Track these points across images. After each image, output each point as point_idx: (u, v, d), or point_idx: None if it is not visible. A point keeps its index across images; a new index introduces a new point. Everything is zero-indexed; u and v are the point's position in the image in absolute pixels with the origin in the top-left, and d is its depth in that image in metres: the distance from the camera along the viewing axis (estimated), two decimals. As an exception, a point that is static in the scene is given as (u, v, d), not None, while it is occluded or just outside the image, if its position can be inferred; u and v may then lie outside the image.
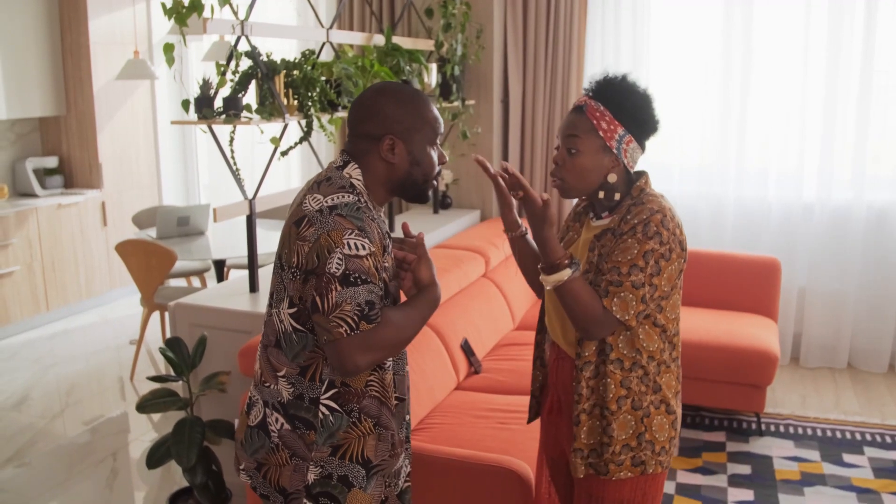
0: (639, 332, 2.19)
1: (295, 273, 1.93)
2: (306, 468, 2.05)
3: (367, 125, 2.02)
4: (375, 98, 2.03)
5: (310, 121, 3.66)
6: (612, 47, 5.64)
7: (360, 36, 4.44)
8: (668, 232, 2.13)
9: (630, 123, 2.20)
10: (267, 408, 2.09)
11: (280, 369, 2.05)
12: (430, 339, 3.80)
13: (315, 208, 1.92)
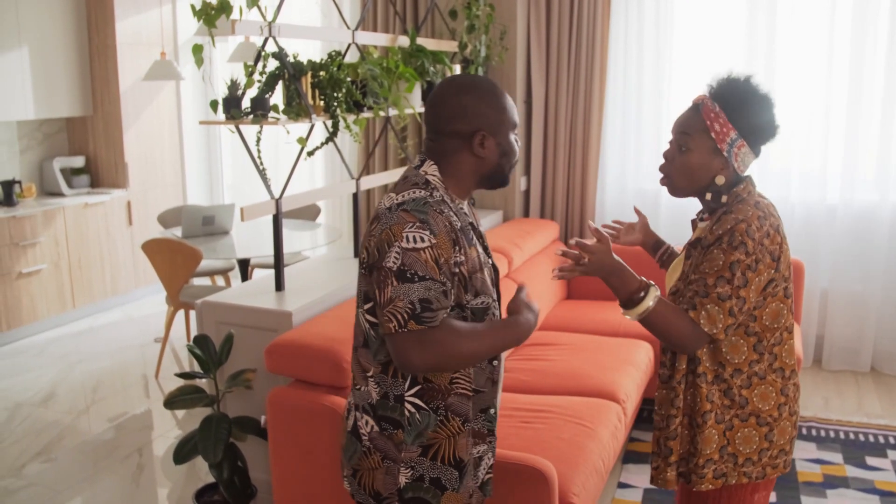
0: (722, 345, 2.17)
1: (364, 269, 1.97)
2: (398, 471, 2.06)
3: (455, 124, 2.03)
4: (459, 96, 2.04)
5: (336, 121, 3.69)
6: (635, 47, 5.64)
7: (384, 37, 4.47)
8: (754, 242, 2.08)
9: (744, 128, 2.18)
10: (357, 411, 2.11)
11: (368, 369, 2.07)
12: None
13: (385, 206, 1.97)
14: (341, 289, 3.77)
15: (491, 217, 5.55)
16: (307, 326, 3.29)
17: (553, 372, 4.00)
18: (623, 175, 5.80)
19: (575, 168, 5.76)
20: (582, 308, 5.06)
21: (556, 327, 4.77)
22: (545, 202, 5.87)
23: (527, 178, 5.87)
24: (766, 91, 2.23)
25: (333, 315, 3.42)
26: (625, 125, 5.75)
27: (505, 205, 5.74)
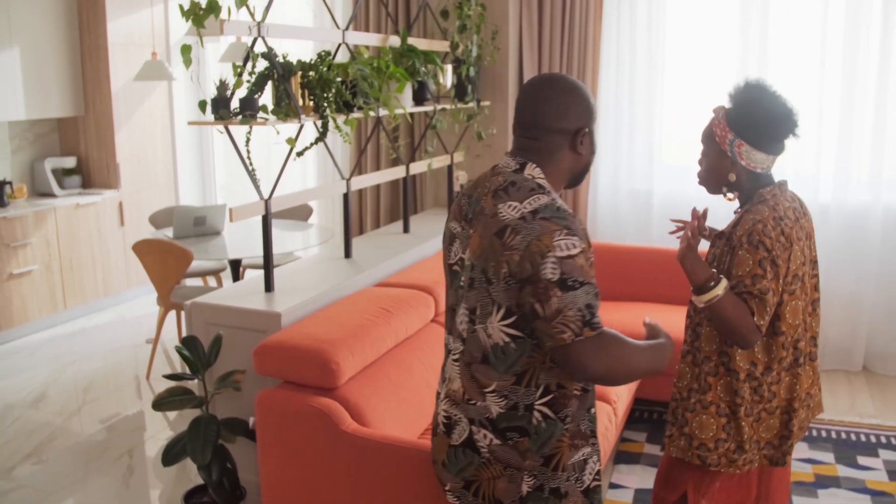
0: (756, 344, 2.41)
1: (508, 283, 1.91)
2: (521, 478, 2.05)
3: (562, 121, 2.04)
4: (564, 94, 2.05)
5: (325, 121, 3.68)
6: (627, 48, 5.64)
7: (375, 37, 4.45)
8: (772, 240, 2.30)
9: (739, 128, 2.39)
10: (473, 425, 2.07)
11: (488, 385, 2.03)
12: (442, 338, 3.78)
13: (516, 216, 1.91)
14: (332, 289, 3.76)
15: (483, 217, 5.53)
16: (296, 327, 3.28)
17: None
18: (616, 176, 5.79)
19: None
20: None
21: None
22: (537, 202, 5.85)
23: (519, 178, 5.85)
24: (764, 91, 2.44)
25: (324, 316, 3.41)
26: (617, 125, 5.74)
27: (497, 205, 5.73)
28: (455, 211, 2.15)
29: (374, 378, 3.26)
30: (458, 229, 2.10)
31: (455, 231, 2.12)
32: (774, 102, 2.41)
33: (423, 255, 4.62)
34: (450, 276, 2.15)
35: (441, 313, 3.97)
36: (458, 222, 2.11)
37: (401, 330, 3.51)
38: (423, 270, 4.15)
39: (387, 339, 3.39)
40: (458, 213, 2.12)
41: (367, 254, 4.39)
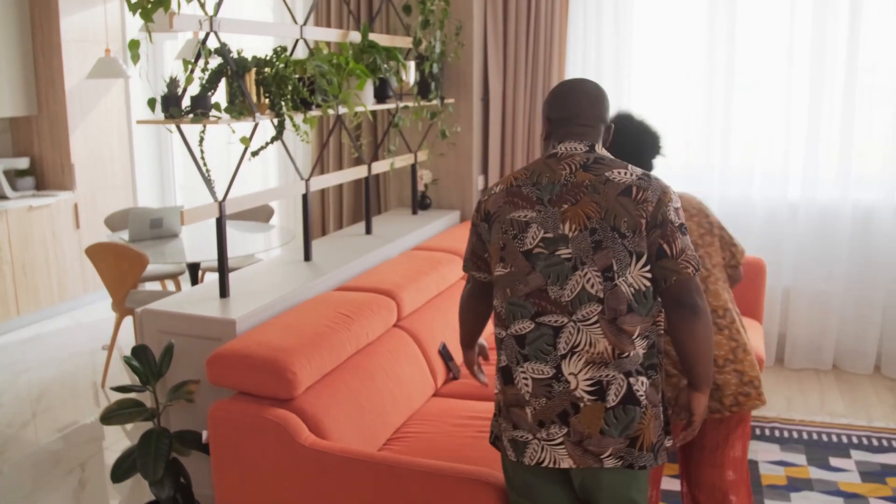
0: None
1: (643, 232, 2.18)
2: (661, 413, 2.28)
3: (607, 115, 2.36)
4: (603, 93, 2.37)
5: (281, 120, 3.54)
6: (594, 44, 5.55)
7: (335, 33, 4.32)
8: None
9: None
10: (630, 377, 2.20)
11: (634, 332, 2.20)
12: (405, 343, 3.69)
13: (634, 178, 2.21)
14: (290, 294, 3.63)
15: (448, 217, 5.42)
16: (251, 335, 3.14)
17: (511, 377, 3.88)
18: (582, 173, 5.68)
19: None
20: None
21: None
22: (503, 201, 5.75)
23: (484, 178, 5.75)
24: (630, 121, 2.83)
25: (280, 323, 3.28)
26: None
27: (462, 204, 5.62)
28: (515, 202, 2.27)
29: (333, 387, 3.13)
30: (534, 214, 2.23)
31: (528, 218, 2.24)
32: (641, 131, 2.78)
33: (386, 256, 4.49)
34: (528, 261, 2.24)
35: (404, 317, 3.85)
36: (528, 210, 2.24)
37: (361, 336, 3.38)
38: (386, 273, 4.02)
39: (346, 346, 3.26)
40: (526, 202, 2.25)
41: (328, 256, 4.25)
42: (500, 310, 2.30)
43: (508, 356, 2.29)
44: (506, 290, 2.27)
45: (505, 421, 2.32)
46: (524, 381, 2.25)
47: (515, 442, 2.29)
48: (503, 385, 2.32)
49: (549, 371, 2.21)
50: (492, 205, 2.32)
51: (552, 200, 2.22)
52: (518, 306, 2.24)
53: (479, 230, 2.37)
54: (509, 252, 2.26)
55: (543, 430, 2.23)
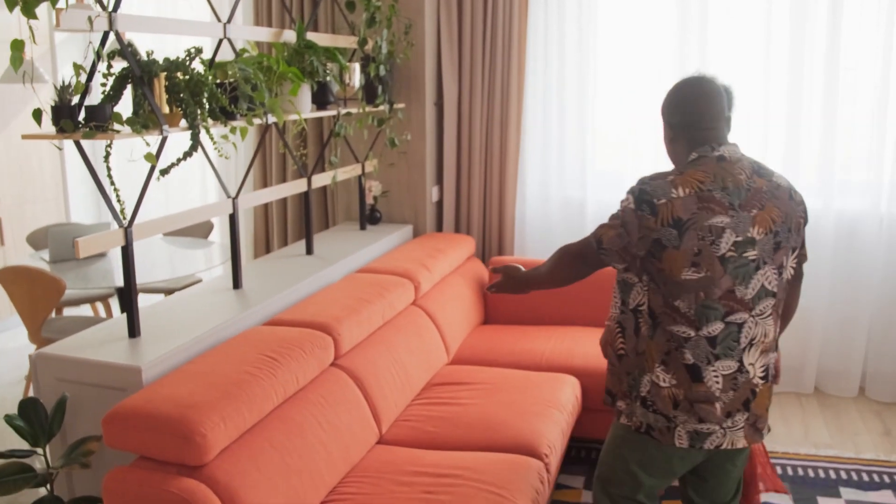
0: None
1: (802, 229, 2.49)
2: None
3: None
4: (718, 85, 2.50)
5: (196, 132, 3.07)
6: (555, 42, 5.12)
7: (265, 32, 3.86)
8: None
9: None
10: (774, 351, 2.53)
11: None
12: (343, 386, 3.23)
13: (787, 182, 2.47)
14: (212, 332, 3.16)
15: (399, 232, 4.97)
16: (158, 386, 2.67)
17: (465, 421, 3.44)
18: (545, 183, 5.27)
19: (492, 176, 5.22)
20: (500, 335, 4.50)
21: (470, 360, 4.21)
22: (460, 214, 5.32)
23: (439, 188, 5.31)
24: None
25: (194, 370, 2.81)
26: (546, 128, 5.22)
27: (415, 218, 5.17)
28: (711, 208, 2.33)
29: (253, 447, 2.67)
30: (728, 219, 2.33)
31: (724, 224, 2.33)
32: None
33: (327, 280, 4.03)
34: (722, 265, 2.34)
35: (343, 355, 3.39)
36: (723, 215, 2.33)
37: (289, 382, 2.92)
38: (323, 303, 3.56)
39: (271, 396, 2.80)
40: (720, 207, 2.33)
41: (260, 283, 3.79)
42: (687, 311, 2.38)
43: (697, 356, 2.40)
44: (698, 293, 2.36)
45: (685, 414, 2.43)
46: (714, 378, 2.41)
47: (697, 433, 2.44)
48: (690, 382, 2.42)
49: (735, 365, 2.41)
50: (682, 210, 2.33)
51: (742, 205, 2.35)
52: (711, 308, 2.36)
53: (655, 234, 2.35)
54: (705, 257, 2.33)
55: (729, 420, 2.44)
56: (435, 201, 5.27)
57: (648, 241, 2.36)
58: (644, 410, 2.51)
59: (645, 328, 2.47)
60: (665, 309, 2.41)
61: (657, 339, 2.44)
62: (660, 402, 2.47)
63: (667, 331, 2.43)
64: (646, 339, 2.47)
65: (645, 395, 2.49)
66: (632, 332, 2.52)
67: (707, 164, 2.40)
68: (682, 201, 2.33)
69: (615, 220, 2.42)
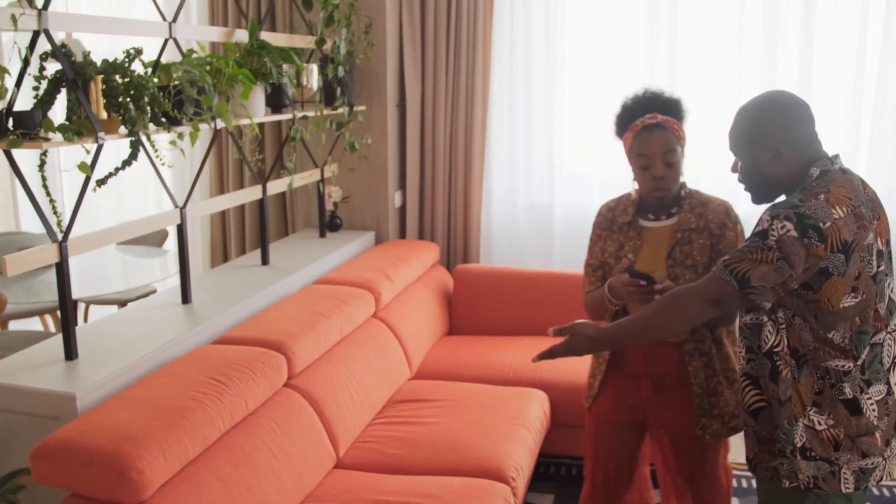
0: None
1: None
2: None
3: None
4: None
5: (136, 140, 2.86)
6: (522, 41, 4.95)
7: (215, 31, 3.66)
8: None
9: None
10: None
11: None
12: (297, 407, 3.05)
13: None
14: (156, 353, 2.94)
15: (361, 239, 4.78)
16: (93, 416, 2.46)
17: (428, 441, 3.26)
18: (512, 187, 5.10)
19: (457, 180, 5.04)
20: (466, 346, 4.33)
21: (434, 374, 4.03)
22: (423, 220, 5.14)
23: (402, 193, 5.12)
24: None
25: (136, 395, 2.60)
26: (513, 130, 5.05)
27: (377, 224, 4.98)
28: (865, 226, 2.14)
29: (197, 480, 2.47)
30: (872, 235, 2.17)
31: (871, 240, 2.16)
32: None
33: (284, 292, 3.83)
34: (875, 285, 2.18)
35: (296, 374, 3.19)
36: (870, 231, 2.16)
37: (238, 406, 2.73)
38: (277, 318, 3.36)
39: (217, 423, 2.61)
40: (868, 223, 2.15)
41: (211, 297, 3.58)
42: (842, 342, 2.17)
43: (853, 387, 2.18)
44: (854, 318, 2.16)
45: (848, 454, 2.20)
46: (871, 406, 2.20)
47: (862, 471, 2.21)
48: (850, 417, 2.19)
49: (884, 388, 2.22)
50: (848, 233, 2.10)
51: (871, 218, 2.19)
52: (865, 333, 2.17)
53: (823, 262, 2.09)
54: (863, 279, 2.15)
55: (889, 448, 2.24)
56: (397, 207, 5.08)
57: (813, 271, 2.10)
58: (808, 462, 2.21)
59: (786, 371, 2.20)
60: (815, 344, 2.17)
61: (804, 380, 2.19)
62: (819, 447, 2.20)
63: (820, 368, 2.19)
64: (789, 383, 2.20)
65: (803, 444, 2.21)
66: (768, 379, 2.23)
67: (837, 177, 2.17)
68: (843, 222, 2.09)
69: (765, 253, 2.08)
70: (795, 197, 2.12)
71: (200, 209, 3.59)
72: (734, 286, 2.11)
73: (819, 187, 2.14)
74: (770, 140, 2.21)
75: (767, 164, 2.23)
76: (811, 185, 2.16)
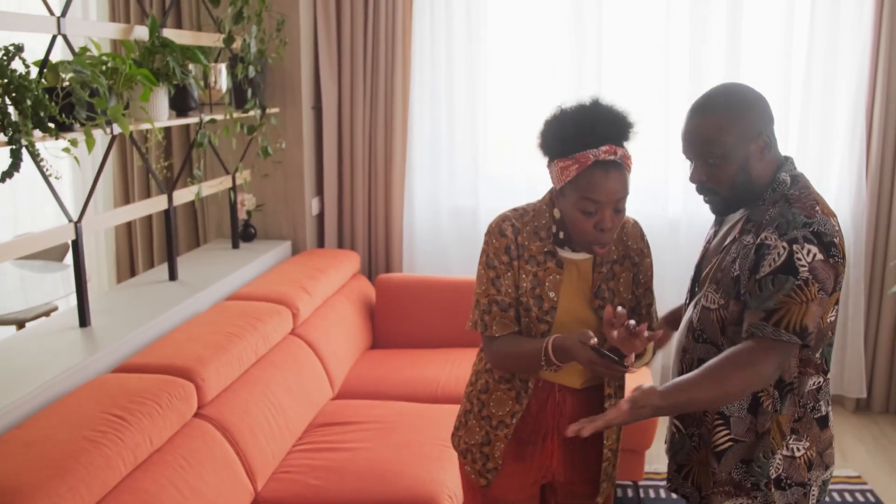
0: None
1: None
2: None
3: None
4: None
5: (17, 147, 2.55)
6: (443, 38, 4.73)
7: (111, 28, 3.36)
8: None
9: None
10: None
11: None
12: (208, 440, 2.77)
13: None
14: (49, 384, 2.63)
15: (277, 249, 4.50)
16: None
17: (353, 469, 3.01)
18: (435, 192, 4.89)
19: (377, 185, 4.81)
20: (391, 361, 4.10)
21: (358, 393, 3.79)
22: (343, 228, 4.88)
23: (319, 200, 4.86)
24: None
25: (23, 438, 2.30)
26: (434, 131, 4.84)
27: (294, 233, 4.70)
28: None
29: (92, 533, 2.19)
30: None
31: None
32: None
33: (193, 310, 3.54)
34: None
35: (207, 403, 2.91)
36: None
37: (141, 444, 2.44)
38: (185, 341, 3.08)
39: (117, 465, 2.32)
40: None
41: (114, 318, 3.27)
42: (819, 359, 2.03)
43: (825, 402, 2.08)
44: (828, 333, 2.01)
45: (818, 470, 2.08)
46: (831, 415, 2.12)
47: (824, 482, 2.12)
48: (819, 433, 2.07)
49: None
50: (843, 243, 1.95)
51: None
52: (831, 345, 2.06)
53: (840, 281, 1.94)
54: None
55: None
56: (315, 214, 4.82)
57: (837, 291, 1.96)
58: (782, 493, 2.05)
59: (767, 403, 2.01)
60: (801, 368, 2.01)
61: (786, 410, 2.01)
62: (795, 473, 2.05)
63: (801, 394, 2.02)
64: (769, 416, 2.01)
65: (779, 475, 2.04)
66: (746, 412, 2.03)
67: (809, 184, 2.02)
68: (840, 232, 1.95)
69: (806, 290, 1.85)
70: (797, 212, 1.92)
71: (98, 223, 3.28)
72: (796, 342, 1.87)
73: (806, 197, 1.97)
74: (763, 130, 2.01)
75: (756, 158, 2.00)
76: (793, 193, 1.98)
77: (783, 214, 1.93)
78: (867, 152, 4.57)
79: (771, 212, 1.97)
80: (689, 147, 2.06)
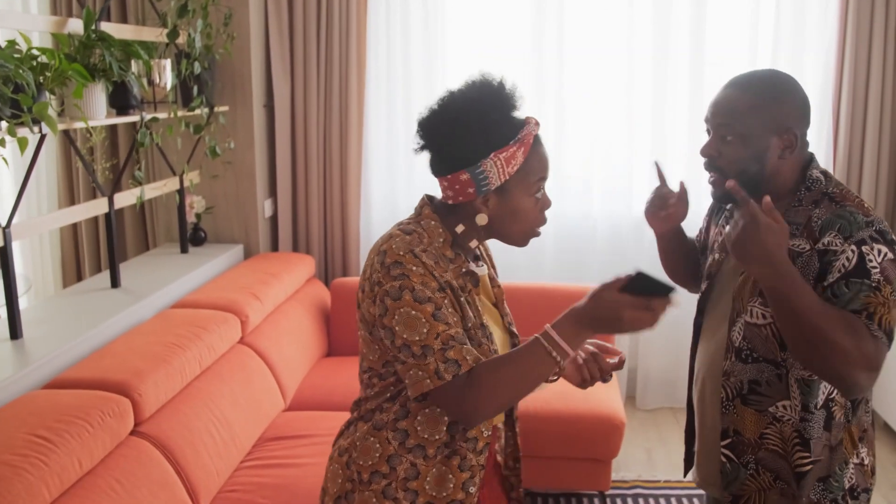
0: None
1: None
2: None
3: None
4: None
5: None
6: (399, 33, 4.60)
7: (42, 20, 3.17)
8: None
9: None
10: None
11: None
12: (146, 460, 2.59)
13: None
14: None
15: (228, 253, 4.32)
16: None
17: (304, 487, 2.85)
18: (392, 191, 4.74)
19: (332, 186, 4.64)
20: (347, 370, 3.93)
21: (311, 404, 3.63)
22: (297, 231, 4.71)
23: (272, 202, 4.68)
24: None
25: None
26: (391, 130, 4.69)
27: (246, 236, 4.52)
28: None
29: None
30: None
31: None
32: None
33: (136, 319, 3.35)
34: None
35: (145, 421, 2.73)
36: None
37: (69, 468, 2.26)
38: (124, 353, 2.89)
39: (40, 493, 2.13)
40: None
41: (49, 329, 3.08)
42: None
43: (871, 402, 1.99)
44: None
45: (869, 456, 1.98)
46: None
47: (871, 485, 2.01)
48: (874, 438, 2.01)
49: None
50: None
51: None
52: None
53: None
54: None
55: None
56: (268, 216, 4.64)
57: None
58: (855, 503, 1.96)
59: (840, 415, 1.90)
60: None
61: (857, 418, 1.92)
62: (864, 481, 1.96)
63: (865, 401, 1.94)
64: (841, 426, 1.91)
65: (852, 485, 1.94)
66: (820, 431, 1.90)
67: (834, 177, 1.91)
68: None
69: (882, 292, 1.73)
70: (854, 210, 1.79)
71: (30, 228, 3.09)
72: (885, 342, 1.74)
73: (848, 193, 1.86)
74: (793, 126, 1.86)
75: (776, 153, 1.87)
76: (835, 191, 1.86)
77: (840, 216, 1.79)
78: (833, 152, 4.52)
79: (817, 213, 1.83)
80: (713, 115, 1.94)
